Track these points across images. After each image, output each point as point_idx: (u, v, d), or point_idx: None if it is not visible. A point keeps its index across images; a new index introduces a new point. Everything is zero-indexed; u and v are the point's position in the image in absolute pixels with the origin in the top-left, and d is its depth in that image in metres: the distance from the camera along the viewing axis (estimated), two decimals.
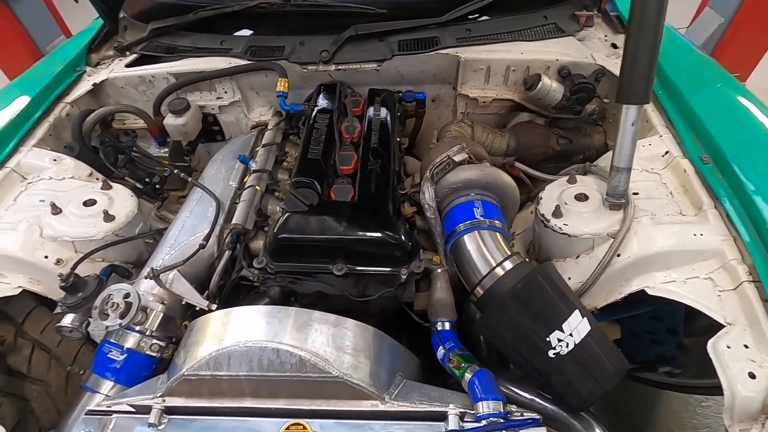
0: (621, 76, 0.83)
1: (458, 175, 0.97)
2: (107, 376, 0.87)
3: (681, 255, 0.85)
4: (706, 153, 0.95)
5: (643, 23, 0.79)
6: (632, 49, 0.81)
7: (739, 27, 2.12)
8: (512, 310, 0.79)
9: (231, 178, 1.17)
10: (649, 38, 0.78)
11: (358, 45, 1.26)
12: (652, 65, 0.80)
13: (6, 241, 0.93)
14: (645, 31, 0.78)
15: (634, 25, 0.80)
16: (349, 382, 0.75)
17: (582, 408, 0.78)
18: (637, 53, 0.80)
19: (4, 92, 1.31)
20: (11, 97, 1.22)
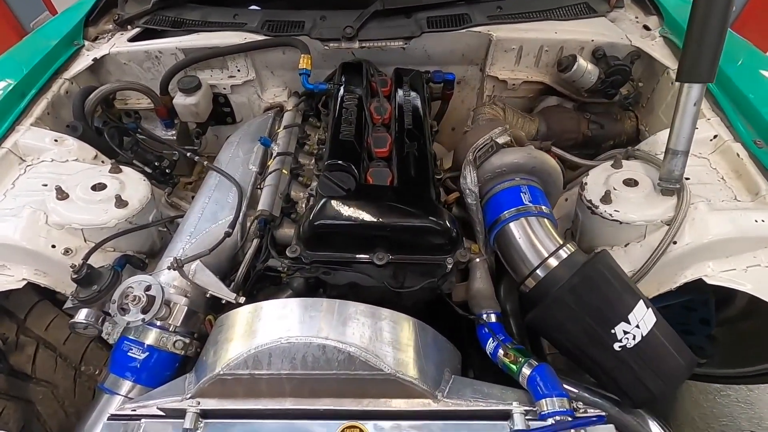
0: (685, 52, 0.78)
1: (503, 159, 0.91)
2: (127, 375, 0.79)
3: (741, 242, 0.81)
4: (759, 137, 0.92)
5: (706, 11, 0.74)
6: (700, 22, 0.76)
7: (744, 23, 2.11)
8: (572, 303, 0.74)
9: (251, 162, 1.09)
10: (719, 9, 0.73)
11: (383, 21, 1.19)
12: (720, 40, 0.75)
13: (8, 229, 0.84)
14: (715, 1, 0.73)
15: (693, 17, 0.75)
16: (401, 379, 0.69)
17: (647, 404, 0.74)
18: (705, 26, 0.75)
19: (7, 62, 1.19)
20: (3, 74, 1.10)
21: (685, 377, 0.72)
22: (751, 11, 2.04)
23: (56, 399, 0.94)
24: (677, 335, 0.75)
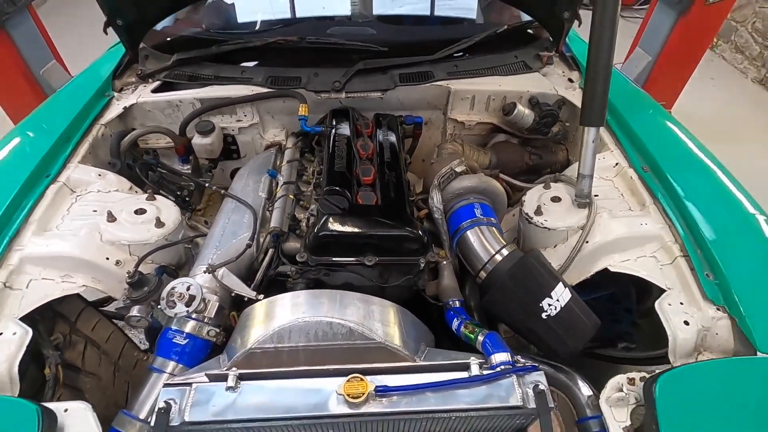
0: (583, 105, 1.10)
1: (461, 183, 1.20)
2: (172, 357, 1.00)
3: (632, 240, 1.11)
4: (645, 164, 1.24)
5: (598, 66, 1.06)
6: (590, 84, 1.08)
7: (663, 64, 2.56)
8: (511, 286, 1.02)
9: (260, 190, 1.34)
10: (602, 76, 1.06)
11: (365, 77, 1.49)
12: (605, 97, 1.08)
13: (72, 245, 1.05)
14: (599, 71, 1.06)
15: (591, 66, 1.07)
16: (389, 346, 0.94)
17: (570, 356, 1.00)
18: (594, 88, 1.08)
19: (38, 116, 1.41)
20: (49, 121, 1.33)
21: (591, 335, 0.99)
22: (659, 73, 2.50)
23: (99, 389, 1.12)
24: (586, 306, 1.02)
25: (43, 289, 1.01)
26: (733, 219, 1.12)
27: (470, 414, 0.87)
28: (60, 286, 1.03)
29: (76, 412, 0.86)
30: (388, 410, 0.85)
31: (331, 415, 0.85)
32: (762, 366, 0.87)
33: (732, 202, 1.16)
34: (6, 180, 1.12)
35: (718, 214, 1.11)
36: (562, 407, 1.04)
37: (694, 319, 0.96)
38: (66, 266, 1.05)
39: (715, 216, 1.10)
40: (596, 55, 1.05)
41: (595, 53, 1.05)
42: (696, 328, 0.95)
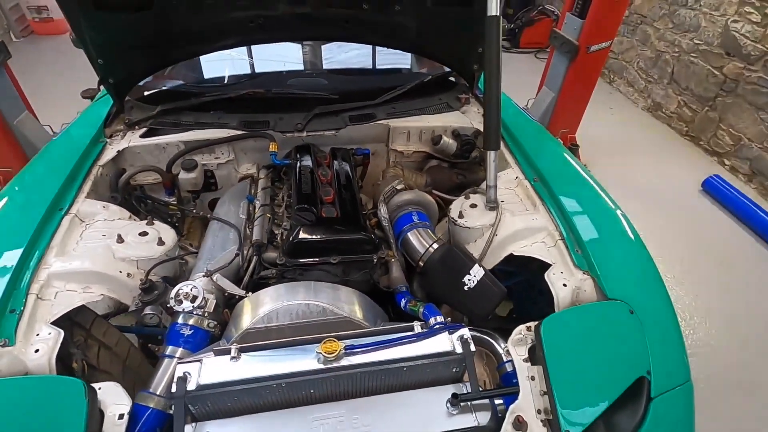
0: (484, 136, 1.52)
1: (401, 197, 1.57)
2: (180, 344, 1.24)
3: (527, 231, 1.49)
4: (536, 176, 1.67)
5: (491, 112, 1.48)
6: (487, 122, 1.50)
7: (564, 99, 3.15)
8: (440, 267, 1.37)
9: (240, 213, 1.63)
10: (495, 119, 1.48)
11: (321, 118, 1.85)
12: (498, 131, 1.49)
13: (90, 262, 1.29)
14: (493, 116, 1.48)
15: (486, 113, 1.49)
16: (353, 319, 1.25)
17: (485, 317, 1.35)
18: (490, 126, 1.49)
19: (42, 159, 1.64)
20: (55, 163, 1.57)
21: (500, 299, 1.34)
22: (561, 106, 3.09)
23: None
24: (496, 279, 1.38)
25: (68, 298, 1.24)
26: (596, 213, 1.55)
27: (416, 363, 1.16)
28: (81, 295, 1.26)
29: (108, 388, 1.08)
30: (355, 363, 1.13)
31: (313, 370, 1.11)
32: (610, 306, 1.26)
33: (595, 201, 1.59)
34: (29, 214, 1.35)
35: (585, 210, 1.53)
36: (488, 361, 1.39)
37: (569, 282, 1.35)
38: (86, 279, 1.28)
39: (582, 211, 1.52)
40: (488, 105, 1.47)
41: (487, 104, 1.47)
42: (571, 288, 1.33)
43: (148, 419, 1.12)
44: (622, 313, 1.26)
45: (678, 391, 1.21)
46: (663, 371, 1.20)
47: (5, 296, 1.15)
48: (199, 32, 1.67)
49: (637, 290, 1.33)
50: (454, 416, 1.14)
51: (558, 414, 1.09)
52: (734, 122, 3.67)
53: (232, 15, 1.64)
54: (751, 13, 3.43)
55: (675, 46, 4.23)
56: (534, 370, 1.18)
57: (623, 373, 1.18)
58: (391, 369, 1.15)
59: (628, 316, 1.26)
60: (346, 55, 2.47)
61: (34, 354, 1.10)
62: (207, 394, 1.09)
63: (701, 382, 2.16)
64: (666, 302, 1.35)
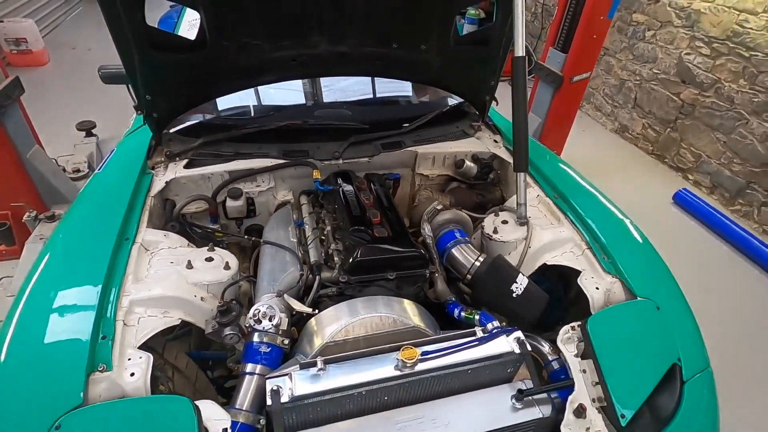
0: (514, 159, 1.71)
1: (443, 217, 1.73)
2: (259, 361, 1.30)
3: (556, 242, 1.68)
4: (556, 194, 1.87)
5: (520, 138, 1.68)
6: (517, 147, 1.70)
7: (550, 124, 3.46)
8: (488, 278, 1.52)
9: (291, 237, 1.73)
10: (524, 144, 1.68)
11: (356, 147, 1.99)
12: (527, 155, 1.69)
13: (168, 288, 1.34)
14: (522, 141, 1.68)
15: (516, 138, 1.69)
16: (420, 329, 1.36)
17: (533, 321, 1.51)
18: (520, 150, 1.69)
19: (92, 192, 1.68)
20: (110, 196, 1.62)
21: (545, 304, 1.51)
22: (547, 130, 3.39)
23: None
24: (538, 287, 1.55)
25: (151, 323, 1.29)
26: (612, 223, 1.76)
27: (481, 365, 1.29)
28: (163, 320, 1.31)
29: (206, 405, 1.14)
30: (431, 367, 1.24)
31: (393, 377, 1.21)
32: (640, 304, 1.45)
33: (609, 213, 1.81)
34: (101, 244, 1.40)
35: (603, 221, 1.74)
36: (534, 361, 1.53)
37: (600, 285, 1.53)
38: (164, 304, 1.33)
39: (601, 222, 1.72)
40: (517, 131, 1.67)
41: (516, 131, 1.67)
42: (603, 290, 1.51)
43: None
44: (651, 310, 1.45)
45: (703, 375, 1.39)
46: (689, 359, 1.39)
47: (96, 324, 1.20)
48: (244, 69, 1.79)
49: (658, 289, 1.52)
50: (519, 411, 1.26)
51: (612, 400, 1.24)
52: (694, 141, 4.12)
53: (276, 54, 1.78)
54: (702, 47, 3.93)
55: (636, 75, 4.72)
56: (585, 363, 1.33)
57: (659, 361, 1.35)
58: (459, 372, 1.27)
59: (656, 312, 1.45)
60: (344, 83, 2.64)
61: (129, 378, 1.14)
62: (300, 405, 1.16)
63: None
64: (682, 299, 1.56)
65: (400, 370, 1.22)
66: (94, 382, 1.10)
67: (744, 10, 3.51)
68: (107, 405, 1.06)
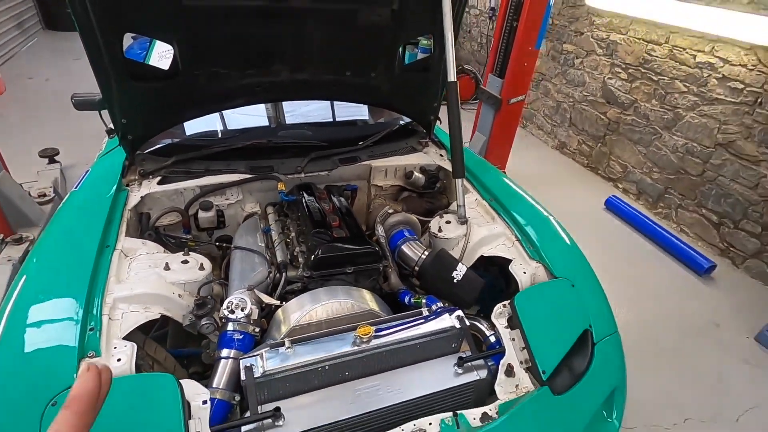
0: (452, 167, 2.00)
1: (394, 219, 1.98)
2: (233, 347, 1.48)
3: (491, 237, 1.95)
4: (491, 197, 2.18)
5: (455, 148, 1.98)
6: (454, 156, 1.99)
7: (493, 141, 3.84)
8: (432, 268, 1.77)
9: (259, 242, 1.92)
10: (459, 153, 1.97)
11: (316, 162, 2.23)
12: (462, 162, 1.99)
13: (149, 286, 1.51)
14: (457, 151, 1.98)
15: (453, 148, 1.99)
16: (375, 312, 1.59)
17: (472, 303, 1.76)
18: (456, 158, 1.99)
19: (70, 208, 1.82)
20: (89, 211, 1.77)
21: (480, 287, 1.77)
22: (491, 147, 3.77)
23: None
24: (476, 274, 1.81)
25: (134, 317, 1.44)
26: (537, 219, 2.07)
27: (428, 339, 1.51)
28: (144, 314, 1.46)
29: (186, 382, 1.30)
30: (384, 342, 1.46)
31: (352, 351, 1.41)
32: (558, 282, 1.73)
33: (535, 212, 2.12)
34: (84, 251, 1.54)
35: (529, 218, 2.04)
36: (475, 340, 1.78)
37: (527, 270, 1.81)
38: (146, 301, 1.49)
39: (528, 219, 2.02)
40: (454, 144, 1.97)
41: (453, 143, 1.97)
42: (529, 274, 1.79)
43: (217, 408, 1.34)
44: (567, 287, 1.74)
45: (611, 338, 1.68)
46: (599, 325, 1.68)
47: (84, 319, 1.34)
48: (213, 95, 2.01)
49: (574, 270, 1.82)
50: (461, 375, 1.49)
51: (535, 361, 1.50)
52: (620, 154, 4.64)
53: (243, 81, 2.01)
54: (620, 72, 4.49)
55: (570, 97, 5.27)
56: (514, 333, 1.59)
57: (573, 328, 1.63)
58: (409, 345, 1.48)
59: (571, 289, 1.74)
60: (306, 108, 2.91)
61: (117, 362, 1.29)
62: (271, 379, 1.34)
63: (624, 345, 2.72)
64: (594, 278, 1.86)
65: (358, 346, 1.43)
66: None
67: (651, 41, 4.10)
68: None
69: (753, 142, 3.38)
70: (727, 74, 3.48)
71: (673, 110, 3.96)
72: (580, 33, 4.91)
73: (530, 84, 3.73)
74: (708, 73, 3.61)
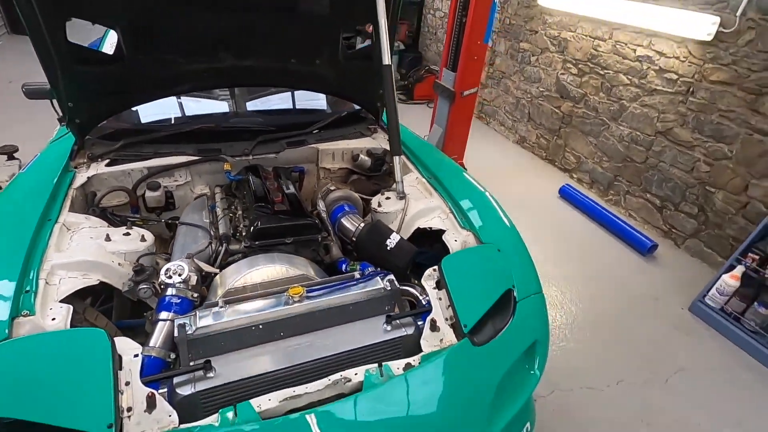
0: (390, 146, 2.12)
1: (335, 194, 2.09)
2: (171, 310, 1.55)
3: (427, 210, 2.08)
4: (431, 176, 2.31)
5: (392, 126, 2.10)
6: (391, 135, 2.11)
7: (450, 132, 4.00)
8: (368, 236, 1.88)
9: (204, 218, 2.00)
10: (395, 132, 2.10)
11: (264, 145, 2.32)
12: (399, 141, 2.11)
13: (88, 254, 1.57)
14: (394, 130, 2.10)
15: (390, 126, 2.11)
16: (309, 276, 1.69)
17: (406, 268, 1.87)
18: (393, 137, 2.11)
19: (15, 188, 1.87)
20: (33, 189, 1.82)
21: (413, 253, 1.89)
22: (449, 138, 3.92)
23: None
24: (409, 242, 1.93)
25: (72, 283, 1.50)
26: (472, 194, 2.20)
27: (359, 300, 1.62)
28: (82, 281, 1.53)
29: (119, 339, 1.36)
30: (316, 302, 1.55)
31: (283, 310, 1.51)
32: (485, 247, 1.85)
33: (471, 188, 2.25)
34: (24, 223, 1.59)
35: (464, 193, 2.17)
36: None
37: (458, 238, 1.93)
38: (84, 268, 1.55)
39: (463, 194, 2.15)
40: (391, 124, 2.10)
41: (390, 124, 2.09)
42: (460, 242, 1.91)
43: (152, 364, 1.41)
44: (493, 251, 1.87)
45: (534, 298, 1.81)
46: (523, 285, 1.80)
47: (19, 282, 1.40)
48: (160, 80, 2.09)
49: (502, 238, 1.95)
50: (390, 332, 1.60)
51: (458, 317, 1.62)
52: (574, 146, 4.87)
53: (189, 67, 2.10)
54: (571, 68, 4.73)
55: (527, 93, 5.50)
56: (441, 293, 1.70)
57: (497, 287, 1.75)
58: (341, 306, 1.58)
59: (496, 253, 1.87)
60: (268, 99, 3.00)
61: (51, 322, 1.35)
62: (203, 336, 1.42)
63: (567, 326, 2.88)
64: (521, 245, 1.99)
65: (289, 305, 1.52)
66: (18, 325, 1.30)
67: (596, 37, 4.33)
68: (30, 337, 1.27)
69: (687, 129, 3.61)
70: (663, 66, 3.72)
71: (618, 102, 4.19)
72: (535, 32, 5.15)
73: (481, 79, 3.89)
74: (647, 66, 3.85)
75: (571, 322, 2.92)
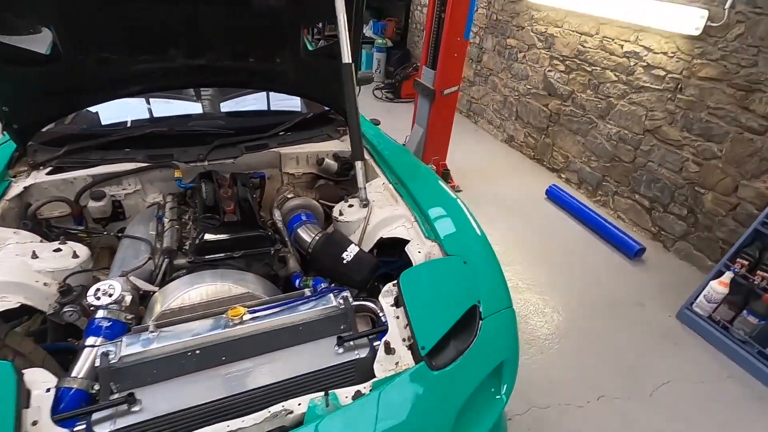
0: (352, 150, 1.98)
1: (292, 203, 1.95)
2: (100, 334, 1.42)
3: (392, 218, 1.94)
4: (396, 181, 2.17)
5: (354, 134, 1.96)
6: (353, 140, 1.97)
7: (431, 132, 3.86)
8: (323, 249, 1.75)
9: (150, 230, 1.86)
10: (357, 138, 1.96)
11: (221, 150, 2.18)
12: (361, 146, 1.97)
13: (6, 274, 1.44)
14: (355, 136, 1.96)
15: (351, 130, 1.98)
16: (255, 294, 1.55)
17: (365, 283, 1.74)
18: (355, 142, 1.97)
19: None
20: None
21: (374, 267, 1.75)
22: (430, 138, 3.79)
23: None
24: (369, 254, 1.79)
25: None
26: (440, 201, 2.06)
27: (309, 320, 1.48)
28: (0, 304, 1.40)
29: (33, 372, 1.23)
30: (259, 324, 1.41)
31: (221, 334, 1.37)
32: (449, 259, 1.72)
33: (441, 194, 2.12)
34: None
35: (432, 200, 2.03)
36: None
37: (422, 249, 1.80)
38: (3, 290, 1.42)
39: (430, 201, 2.02)
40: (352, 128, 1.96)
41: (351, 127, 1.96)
42: (424, 253, 1.78)
43: (72, 398, 1.28)
44: (458, 264, 1.73)
45: (502, 313, 1.68)
46: (490, 301, 1.67)
47: None
48: (104, 82, 1.95)
49: (469, 249, 1.82)
50: (341, 354, 1.46)
51: (416, 337, 1.48)
52: (562, 145, 4.73)
53: (135, 67, 1.96)
54: (558, 65, 4.59)
55: (515, 91, 5.36)
56: (399, 311, 1.57)
57: (460, 303, 1.62)
58: (289, 327, 1.45)
59: (462, 266, 1.73)
60: (242, 102, 2.86)
61: None
62: (129, 365, 1.28)
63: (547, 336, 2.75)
64: (491, 255, 1.86)
65: (228, 327, 1.38)
66: None
67: (583, 32, 4.19)
68: None
69: (676, 127, 3.48)
70: (651, 62, 3.58)
71: (606, 99, 4.06)
72: (522, 27, 5.00)
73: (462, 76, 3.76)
74: (634, 62, 3.71)
75: (552, 332, 2.79)
